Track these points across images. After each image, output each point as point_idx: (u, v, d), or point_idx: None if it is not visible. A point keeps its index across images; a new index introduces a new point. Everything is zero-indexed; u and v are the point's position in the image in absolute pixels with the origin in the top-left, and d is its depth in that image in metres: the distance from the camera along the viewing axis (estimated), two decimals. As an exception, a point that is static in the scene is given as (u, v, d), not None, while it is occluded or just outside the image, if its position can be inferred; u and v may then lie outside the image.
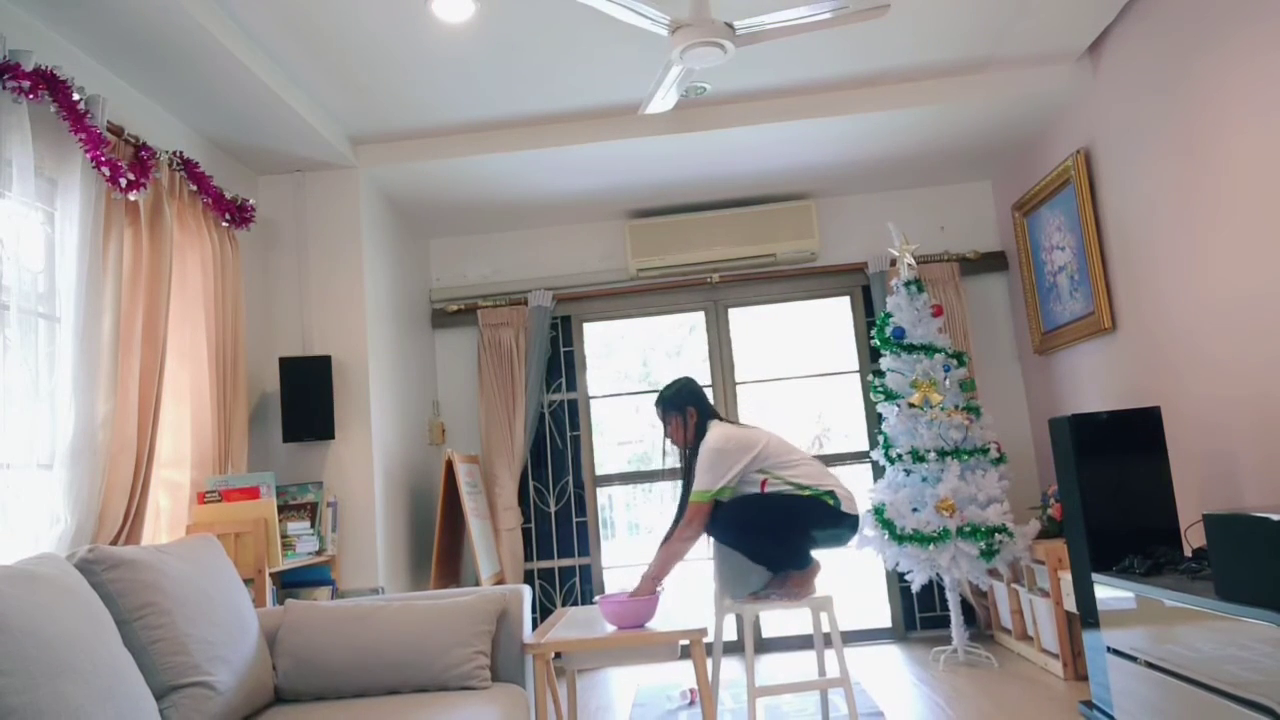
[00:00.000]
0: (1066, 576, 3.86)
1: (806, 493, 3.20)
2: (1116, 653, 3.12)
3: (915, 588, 4.42)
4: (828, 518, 3.18)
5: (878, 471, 5.26)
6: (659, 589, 3.14)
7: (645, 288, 5.49)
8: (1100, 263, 4.23)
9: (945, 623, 5.21)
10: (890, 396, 4.48)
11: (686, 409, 3.44)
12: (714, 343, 5.50)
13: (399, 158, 4.42)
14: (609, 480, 5.47)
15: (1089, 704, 3.37)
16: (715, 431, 3.30)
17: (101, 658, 1.81)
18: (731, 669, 4.66)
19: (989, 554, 4.13)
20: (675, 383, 3.50)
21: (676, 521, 3.40)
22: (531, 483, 5.43)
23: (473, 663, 2.54)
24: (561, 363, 5.54)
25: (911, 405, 4.38)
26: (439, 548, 4.56)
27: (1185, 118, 3.48)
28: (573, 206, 5.30)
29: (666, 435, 3.50)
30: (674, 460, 3.55)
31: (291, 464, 4.23)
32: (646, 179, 4.95)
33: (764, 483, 3.27)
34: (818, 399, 5.59)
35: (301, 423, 4.02)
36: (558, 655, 3.58)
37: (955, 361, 4.49)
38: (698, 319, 5.56)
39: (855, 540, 3.95)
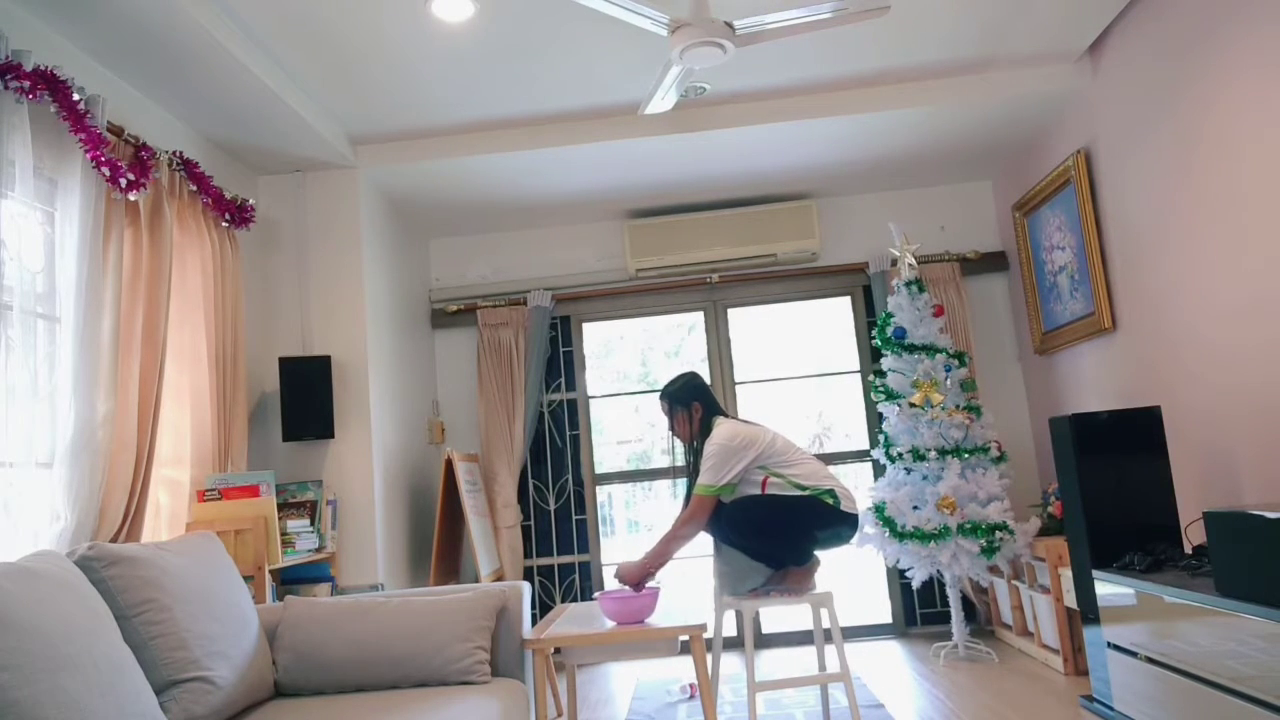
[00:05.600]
0: (1067, 573, 3.86)
1: (806, 492, 3.21)
2: (1117, 648, 3.13)
3: (916, 584, 4.42)
4: (827, 517, 3.18)
5: (878, 470, 5.26)
6: (655, 583, 3.14)
7: (644, 288, 5.49)
8: (1100, 263, 4.23)
9: (946, 619, 5.21)
10: (891, 396, 4.48)
11: (692, 404, 3.44)
12: (713, 343, 5.50)
13: (399, 158, 4.43)
14: (608, 479, 5.47)
15: (1089, 698, 3.38)
16: (722, 428, 3.30)
17: (101, 653, 1.81)
18: (731, 664, 4.66)
19: (989, 551, 4.13)
20: (681, 377, 3.51)
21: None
22: (531, 481, 5.44)
23: (472, 658, 2.54)
24: (560, 362, 5.54)
25: (913, 405, 4.38)
26: (438, 545, 4.57)
27: (1185, 117, 3.48)
28: (572, 206, 5.31)
29: (671, 429, 3.50)
30: (680, 456, 3.56)
31: (291, 463, 4.23)
32: (646, 179, 4.96)
33: (765, 480, 3.28)
34: (818, 399, 5.59)
35: (301, 422, 4.03)
36: (557, 650, 3.59)
37: (956, 361, 4.49)
38: (697, 319, 5.57)
39: (855, 539, 3.95)
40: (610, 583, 5.36)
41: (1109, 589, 3.15)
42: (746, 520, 3.19)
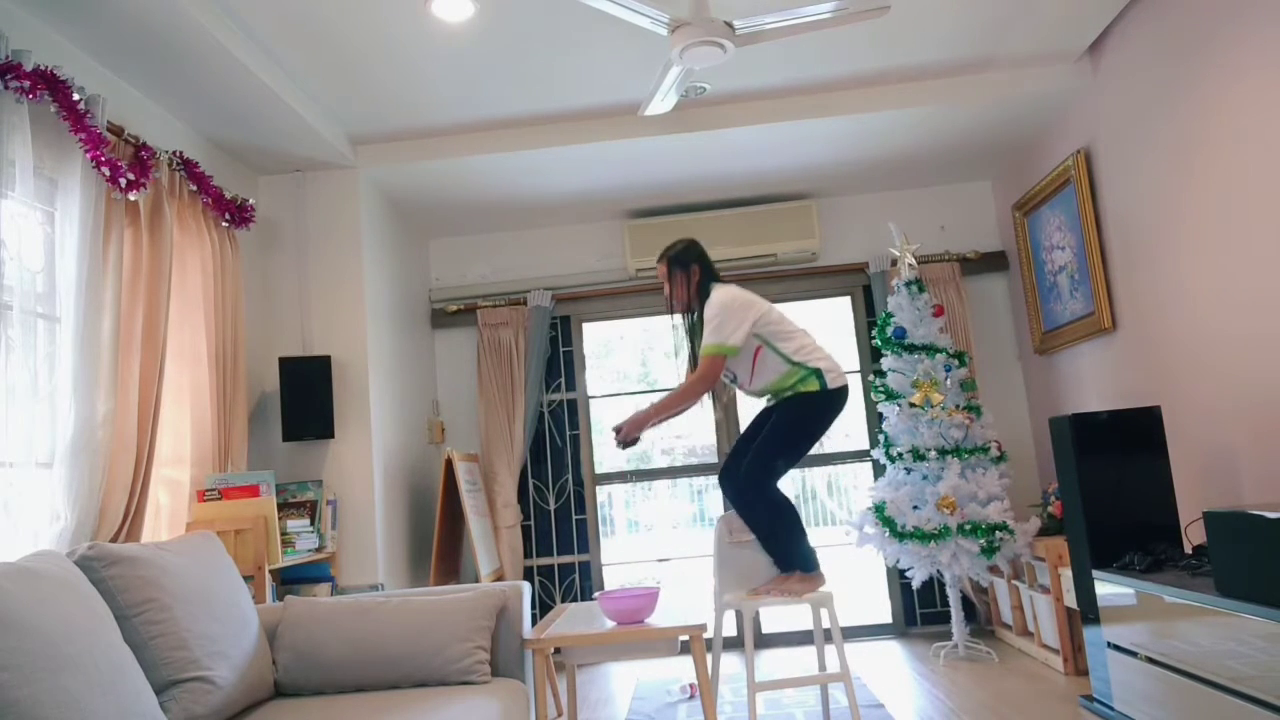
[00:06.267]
0: (1067, 573, 3.86)
1: (796, 375, 3.24)
2: (1117, 648, 3.13)
3: (916, 584, 4.42)
4: (822, 409, 3.24)
5: (878, 470, 5.26)
6: (654, 583, 3.14)
7: (644, 287, 5.49)
8: (1100, 263, 4.23)
9: (946, 618, 5.21)
10: (891, 396, 4.48)
11: (690, 266, 3.42)
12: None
13: (399, 158, 4.43)
14: (608, 479, 5.47)
15: (1089, 698, 3.38)
16: (721, 291, 3.30)
17: (102, 653, 1.81)
18: (732, 664, 4.66)
19: (989, 551, 4.13)
20: (681, 241, 3.47)
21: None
22: (531, 481, 5.44)
23: (472, 658, 2.54)
24: (560, 362, 5.54)
25: (912, 405, 4.38)
26: (438, 545, 4.57)
27: (1185, 117, 3.48)
28: (572, 206, 5.31)
29: (669, 295, 3.48)
30: (682, 340, 3.56)
31: (291, 463, 4.23)
32: (646, 179, 4.96)
33: (758, 351, 3.28)
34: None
35: (301, 422, 4.03)
36: (557, 650, 3.59)
37: (956, 361, 4.49)
38: (698, 318, 5.56)
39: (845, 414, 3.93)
40: (611, 583, 5.36)
41: (1109, 589, 3.15)
42: (765, 463, 3.23)
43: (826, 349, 3.33)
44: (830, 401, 3.26)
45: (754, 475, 3.26)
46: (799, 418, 3.26)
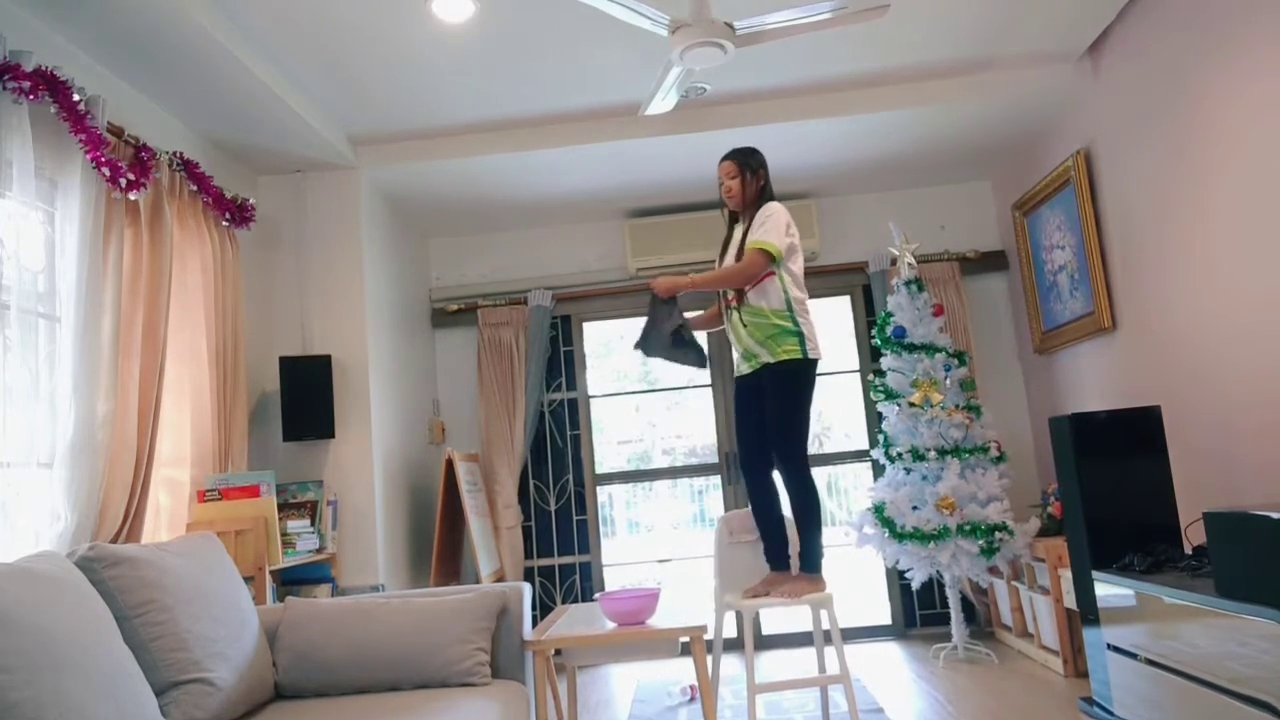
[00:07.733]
0: (1067, 574, 3.86)
1: (781, 325, 3.27)
2: (1116, 649, 3.13)
3: (915, 585, 4.42)
4: (805, 376, 3.33)
5: (878, 470, 5.26)
6: (655, 583, 3.13)
7: (644, 287, 5.48)
8: (1100, 262, 4.23)
9: (945, 620, 5.21)
10: (891, 396, 4.48)
11: (758, 171, 3.45)
12: (713, 342, 5.50)
13: (399, 158, 4.43)
14: (609, 479, 5.47)
15: (1089, 700, 3.37)
16: (778, 205, 3.35)
17: (102, 654, 1.81)
18: (732, 665, 4.66)
19: (989, 551, 4.13)
20: (747, 146, 3.51)
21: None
22: (532, 481, 5.43)
23: (473, 659, 2.54)
24: (561, 362, 5.54)
25: (912, 404, 4.38)
26: (439, 545, 4.56)
27: (1185, 117, 3.48)
28: (573, 206, 5.31)
29: (733, 192, 3.45)
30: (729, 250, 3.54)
31: (292, 463, 4.23)
32: (646, 178, 4.95)
33: (766, 276, 3.28)
34: (817, 398, 5.57)
35: (302, 422, 4.03)
36: (558, 652, 3.59)
37: (956, 361, 4.49)
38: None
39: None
40: (612, 583, 5.36)
41: (1109, 590, 3.14)
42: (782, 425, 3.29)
43: (810, 311, 3.39)
44: (811, 368, 3.35)
45: (788, 459, 3.30)
46: (789, 389, 3.32)
